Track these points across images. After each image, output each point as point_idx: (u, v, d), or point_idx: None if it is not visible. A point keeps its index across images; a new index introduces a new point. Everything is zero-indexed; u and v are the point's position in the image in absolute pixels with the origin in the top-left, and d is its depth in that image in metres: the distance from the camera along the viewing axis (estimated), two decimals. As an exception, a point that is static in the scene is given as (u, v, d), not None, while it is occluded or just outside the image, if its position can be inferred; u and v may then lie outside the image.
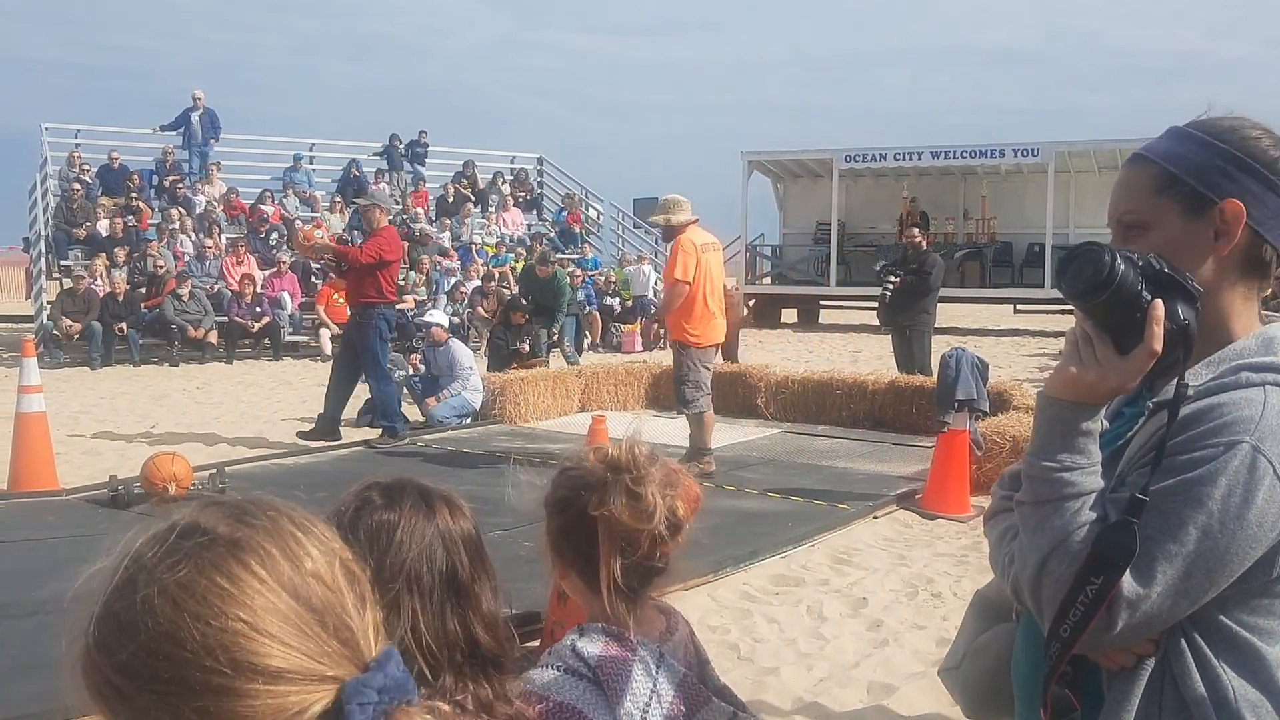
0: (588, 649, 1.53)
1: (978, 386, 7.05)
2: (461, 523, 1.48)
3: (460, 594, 1.41)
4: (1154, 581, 1.28)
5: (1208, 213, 1.41)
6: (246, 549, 0.84)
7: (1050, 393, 1.40)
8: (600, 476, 1.56)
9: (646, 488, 1.54)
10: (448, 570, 1.41)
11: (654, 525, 1.54)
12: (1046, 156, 20.84)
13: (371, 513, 1.45)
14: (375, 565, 1.32)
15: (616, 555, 1.55)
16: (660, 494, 1.55)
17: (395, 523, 1.43)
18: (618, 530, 1.54)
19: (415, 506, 1.47)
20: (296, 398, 12.45)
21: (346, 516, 1.44)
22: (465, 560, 1.44)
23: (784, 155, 24.17)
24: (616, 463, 1.55)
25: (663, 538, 1.56)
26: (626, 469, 1.55)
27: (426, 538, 1.43)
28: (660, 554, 1.58)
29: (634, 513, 1.53)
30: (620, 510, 1.53)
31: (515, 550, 5.58)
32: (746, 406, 10.74)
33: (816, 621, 4.98)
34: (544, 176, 25.18)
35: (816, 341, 19.21)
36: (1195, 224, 1.42)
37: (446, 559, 1.42)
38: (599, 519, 1.54)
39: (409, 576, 1.38)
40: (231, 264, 17.40)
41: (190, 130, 20.40)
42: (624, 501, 1.53)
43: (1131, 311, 1.32)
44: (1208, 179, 1.41)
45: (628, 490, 1.54)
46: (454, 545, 1.44)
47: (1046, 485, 1.36)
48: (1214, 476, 1.28)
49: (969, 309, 22.73)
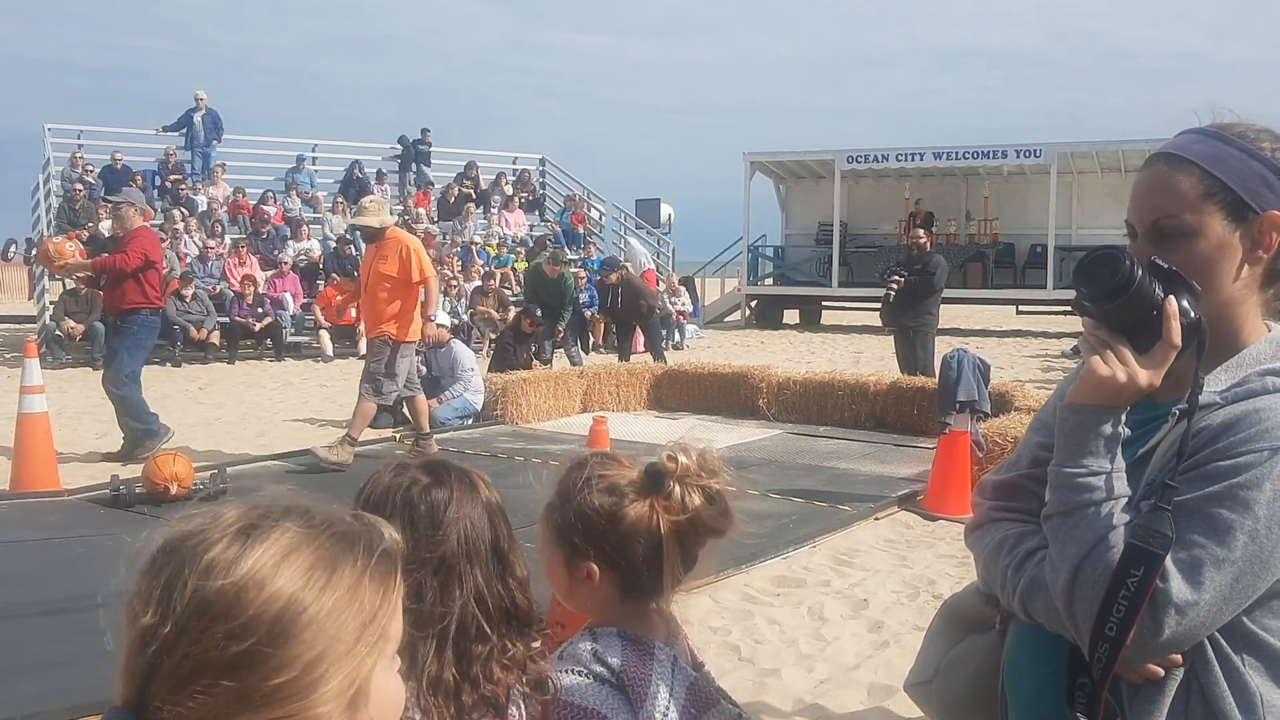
0: (610, 654, 1.51)
1: (979, 388, 7.06)
2: (495, 494, 1.59)
3: (502, 561, 1.53)
4: (1203, 588, 1.27)
5: (1248, 222, 1.40)
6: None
7: (1075, 399, 1.39)
8: (674, 481, 1.54)
9: (725, 492, 1.56)
10: (493, 540, 1.53)
11: (733, 526, 1.57)
12: (1049, 157, 20.84)
13: (426, 492, 1.52)
14: (439, 539, 1.47)
15: (678, 559, 1.55)
16: (728, 496, 1.58)
17: (449, 499, 1.52)
18: (684, 535, 1.54)
19: (461, 482, 1.56)
20: (298, 398, 12.46)
21: (397, 496, 1.51)
22: (504, 529, 1.56)
23: (786, 156, 24.17)
24: (690, 469, 1.55)
25: (721, 535, 1.58)
26: (701, 473, 1.55)
27: (477, 510, 1.54)
28: (698, 556, 1.60)
29: (718, 516, 1.55)
30: (705, 515, 1.53)
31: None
32: (748, 407, 10.73)
33: (817, 623, 4.98)
34: (546, 177, 25.20)
35: (819, 342, 19.20)
36: (1235, 233, 1.41)
37: (491, 529, 1.54)
38: (669, 525, 1.53)
39: (469, 548, 1.49)
40: (234, 265, 17.42)
41: (193, 131, 20.44)
42: (705, 506, 1.53)
43: (1149, 310, 1.34)
44: (1251, 188, 1.40)
45: (708, 494, 1.54)
46: (495, 516, 1.56)
47: (1073, 492, 1.36)
48: (1260, 481, 1.28)
49: (971, 310, 22.74)
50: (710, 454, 1.57)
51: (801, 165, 24.11)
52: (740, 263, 24.49)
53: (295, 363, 16.19)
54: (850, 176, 23.09)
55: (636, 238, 22.61)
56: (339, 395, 12.55)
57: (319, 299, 17.28)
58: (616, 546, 1.54)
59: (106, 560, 5.83)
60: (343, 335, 17.05)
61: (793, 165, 24.21)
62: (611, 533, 1.54)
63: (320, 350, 16.62)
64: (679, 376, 11.48)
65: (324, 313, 16.98)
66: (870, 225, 23.65)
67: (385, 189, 22.15)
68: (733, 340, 19.96)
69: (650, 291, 15.06)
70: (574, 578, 1.57)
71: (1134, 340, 1.35)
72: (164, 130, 20.63)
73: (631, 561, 1.54)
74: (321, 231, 19.87)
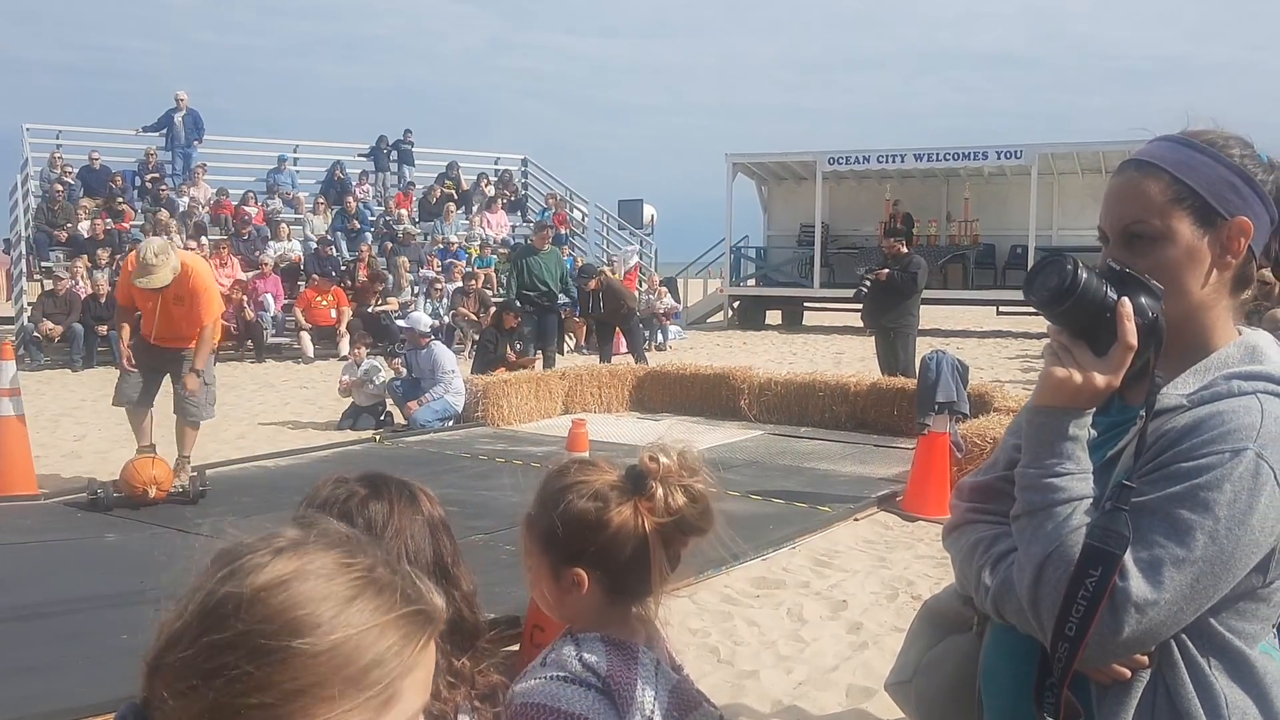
0: (594, 659, 1.51)
1: (958, 389, 7.09)
2: (438, 509, 1.57)
3: (446, 576, 1.51)
4: (1163, 587, 1.29)
5: (1217, 228, 1.43)
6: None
7: (1037, 402, 1.42)
8: (655, 482, 1.54)
9: (706, 490, 1.56)
10: (434, 554, 1.51)
11: (715, 525, 1.56)
12: (1030, 158, 20.93)
13: (363, 505, 1.50)
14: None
15: (664, 561, 1.55)
16: (709, 494, 1.57)
17: (389, 512, 1.50)
18: (669, 536, 1.54)
19: (400, 495, 1.55)
20: (279, 399, 12.42)
21: (334, 510, 1.48)
22: (447, 544, 1.54)
23: (768, 157, 24.22)
24: (672, 469, 1.54)
25: (704, 534, 1.58)
26: (683, 473, 1.55)
27: (418, 524, 1.52)
28: (680, 557, 1.59)
29: (700, 515, 1.54)
30: (689, 514, 1.53)
31: (497, 554, 5.59)
32: (730, 408, 10.75)
33: (796, 624, 5.00)
34: (528, 178, 25.18)
35: (800, 343, 19.25)
36: (1204, 238, 1.43)
37: (433, 544, 1.52)
38: (653, 526, 1.52)
39: (409, 563, 1.44)
40: (215, 266, 17.34)
41: (173, 131, 20.35)
42: (689, 505, 1.53)
43: (1101, 312, 1.36)
44: (1219, 194, 1.42)
45: (690, 493, 1.54)
46: (438, 530, 1.54)
47: (1037, 493, 1.38)
48: (1220, 482, 1.30)
49: (952, 311, 22.82)
50: (690, 453, 1.57)
51: (783, 166, 24.16)
52: (723, 264, 24.52)
53: (276, 364, 16.13)
54: (832, 178, 23.14)
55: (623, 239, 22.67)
56: (319, 397, 12.51)
57: (299, 300, 17.23)
58: (604, 551, 1.54)
59: (84, 564, 5.80)
60: (323, 337, 17.00)
61: (775, 166, 24.25)
62: (598, 538, 1.54)
63: (301, 351, 16.56)
64: (661, 378, 11.50)
65: (305, 314, 16.93)
66: (852, 226, 23.71)
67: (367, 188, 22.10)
68: (715, 341, 19.99)
69: (630, 294, 15.08)
70: (561, 586, 1.57)
71: (1094, 342, 1.37)
72: (144, 131, 20.53)
73: (619, 565, 1.54)
74: (303, 232, 19.81)
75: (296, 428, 10.47)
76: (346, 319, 17.05)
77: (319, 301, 17.05)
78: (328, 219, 20.28)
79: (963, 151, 21.92)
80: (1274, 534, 1.33)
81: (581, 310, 14.37)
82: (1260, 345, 1.45)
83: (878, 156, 22.47)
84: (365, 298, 17.66)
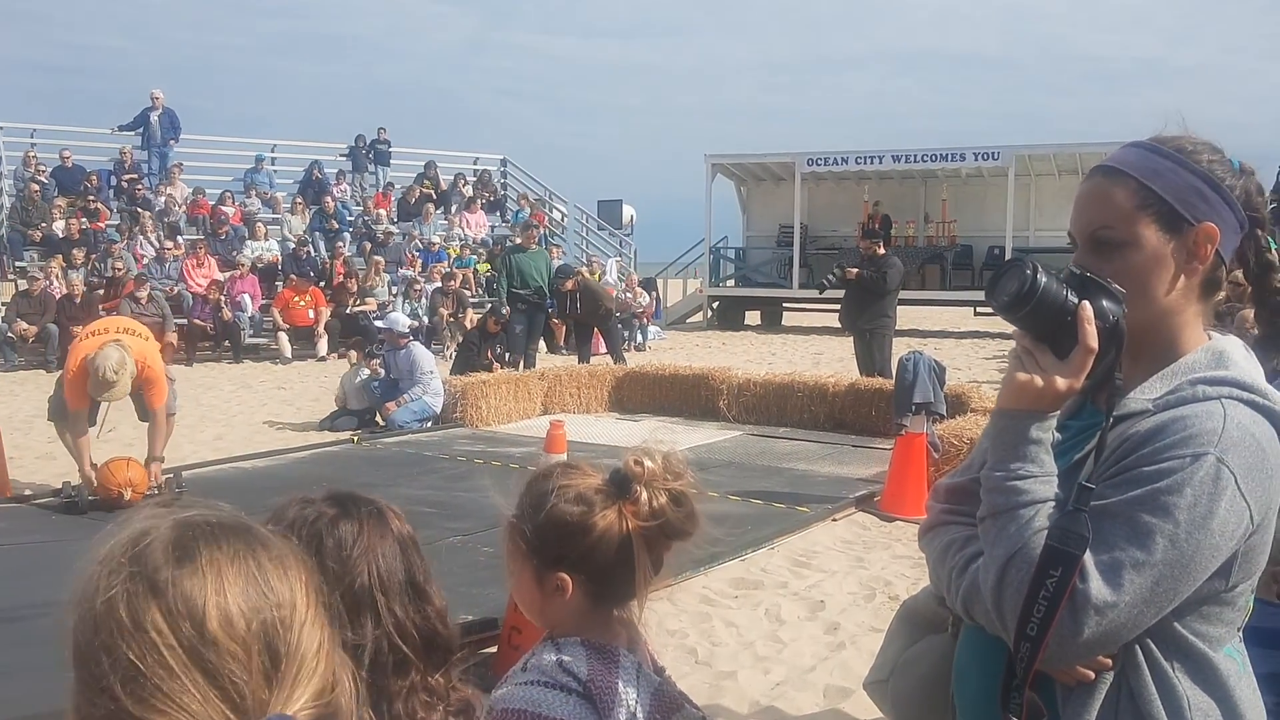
0: (575, 664, 1.51)
1: (935, 389, 7.14)
2: (407, 526, 1.55)
3: (419, 593, 1.49)
4: (1122, 589, 1.30)
5: (1183, 233, 1.44)
6: (160, 595, 0.85)
7: (1001, 405, 1.44)
8: (640, 486, 1.53)
9: (690, 494, 1.55)
10: (406, 572, 1.49)
11: (700, 528, 1.55)
12: (1007, 160, 21.03)
13: (332, 523, 1.48)
14: (350, 574, 1.42)
15: (648, 564, 1.54)
16: (694, 498, 1.56)
17: (358, 531, 1.48)
18: (653, 540, 1.53)
19: (369, 515, 1.52)
20: (256, 400, 12.35)
21: (304, 531, 1.46)
22: (418, 561, 1.52)
23: (747, 158, 24.25)
24: (656, 473, 1.54)
25: (688, 538, 1.57)
26: (667, 477, 1.54)
27: (388, 543, 1.49)
28: (664, 560, 1.59)
29: (685, 518, 1.54)
30: (673, 518, 1.53)
31: (475, 556, 5.58)
32: (709, 409, 10.77)
33: (775, 625, 5.01)
34: (507, 178, 25.14)
35: (779, 343, 19.29)
36: (1170, 244, 1.44)
37: (404, 561, 1.50)
38: (637, 530, 1.52)
39: (382, 582, 1.46)
40: (192, 266, 17.25)
41: (149, 131, 20.22)
42: (673, 509, 1.53)
43: (1062, 316, 1.38)
44: (1185, 199, 1.44)
45: (674, 497, 1.53)
46: (408, 547, 1.52)
47: (1002, 495, 1.39)
48: (1181, 487, 1.31)
49: (930, 311, 22.91)
50: (675, 456, 1.57)
51: (762, 168, 24.20)
52: (702, 264, 24.53)
53: (253, 364, 16.06)
54: (810, 179, 23.20)
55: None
56: (297, 398, 12.47)
57: (277, 300, 17.15)
58: (588, 555, 1.53)
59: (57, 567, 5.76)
60: (301, 337, 16.93)
61: (754, 167, 24.29)
62: (582, 542, 1.53)
63: (279, 352, 16.48)
64: (640, 378, 11.50)
65: (282, 314, 16.86)
66: (830, 227, 23.76)
67: (345, 188, 22.02)
68: (694, 341, 20.01)
69: (608, 294, 15.07)
70: (545, 591, 1.56)
71: (1056, 346, 1.39)
72: (119, 130, 20.40)
73: (603, 569, 1.53)
74: (280, 232, 19.72)
75: (274, 428, 10.42)
76: (324, 319, 16.99)
77: (297, 302, 16.97)
78: (306, 219, 20.20)
79: (940, 153, 22.01)
80: (1235, 538, 1.34)
81: (559, 311, 14.36)
82: (1227, 350, 1.46)
83: (856, 158, 22.53)
84: (343, 298, 17.60)
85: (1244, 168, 1.49)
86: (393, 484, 7.60)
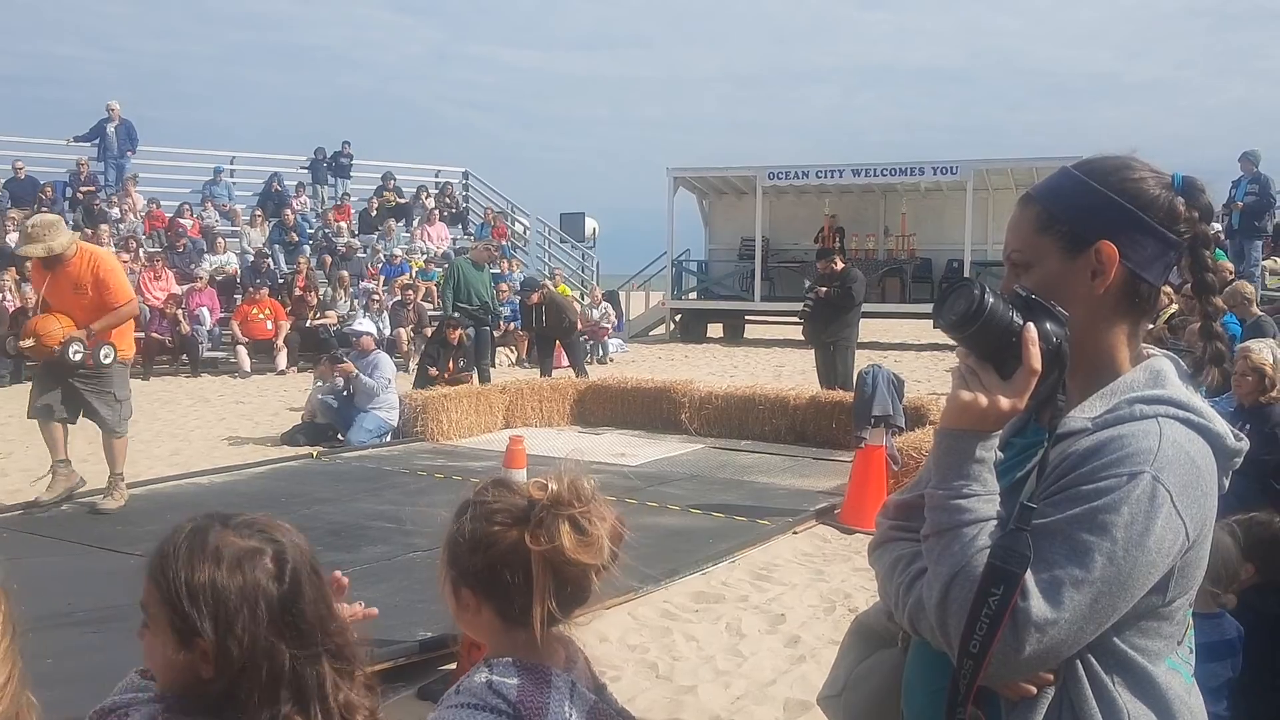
0: (505, 685, 1.50)
1: (894, 402, 7.19)
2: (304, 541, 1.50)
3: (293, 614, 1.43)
4: (1062, 607, 1.32)
5: (1085, 252, 1.48)
6: None
7: (944, 424, 1.45)
8: (540, 510, 1.51)
9: (594, 522, 1.52)
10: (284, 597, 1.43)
11: (602, 559, 1.52)
12: (965, 174, 21.24)
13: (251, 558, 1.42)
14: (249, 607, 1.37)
15: (550, 589, 1.52)
16: (604, 527, 1.53)
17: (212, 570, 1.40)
18: (558, 565, 1.51)
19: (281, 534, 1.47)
20: (214, 415, 12.23)
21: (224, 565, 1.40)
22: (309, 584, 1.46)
23: (709, 172, 24.34)
24: (559, 497, 1.52)
25: (603, 569, 1.54)
26: (571, 503, 1.52)
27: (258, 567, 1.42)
28: (590, 584, 1.56)
29: (582, 547, 1.50)
30: (569, 545, 1.49)
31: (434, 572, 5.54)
32: (670, 422, 10.78)
33: (735, 638, 5.02)
34: (469, 190, 25.09)
35: (741, 356, 19.36)
36: (1073, 263, 1.48)
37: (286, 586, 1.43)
38: (537, 555, 1.50)
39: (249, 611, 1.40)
40: (149, 279, 17.06)
41: (106, 142, 20.02)
42: (571, 536, 1.50)
43: (1007, 337, 1.40)
44: (1082, 220, 1.48)
45: (575, 524, 1.50)
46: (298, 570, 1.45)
47: (945, 513, 1.41)
48: (1118, 505, 1.33)
49: (890, 324, 23.07)
50: (582, 481, 1.55)
51: (724, 181, 24.30)
52: (665, 276, 24.59)
53: (211, 379, 15.89)
54: (772, 193, 23.32)
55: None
56: (255, 412, 12.36)
57: (236, 313, 16.99)
58: (489, 573, 1.53)
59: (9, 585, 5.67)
60: (260, 351, 16.78)
61: (716, 181, 24.38)
62: (482, 560, 1.53)
63: (238, 366, 16.33)
64: (602, 391, 11.50)
65: (241, 327, 16.70)
66: (791, 241, 23.89)
67: (305, 200, 21.88)
68: (657, 354, 20.03)
69: (572, 307, 15.06)
70: (459, 604, 1.58)
71: (1000, 367, 1.41)
72: (75, 140, 20.18)
73: (503, 590, 1.53)
74: (240, 245, 19.55)
75: (233, 443, 10.32)
76: (284, 333, 16.85)
77: (256, 315, 16.83)
78: (265, 231, 20.05)
79: (900, 167, 22.20)
80: (1171, 555, 1.37)
81: (523, 323, 14.33)
82: (1164, 370, 1.49)
83: (817, 171, 22.68)
84: (303, 311, 17.47)
85: (1189, 184, 1.50)
86: (352, 499, 7.55)
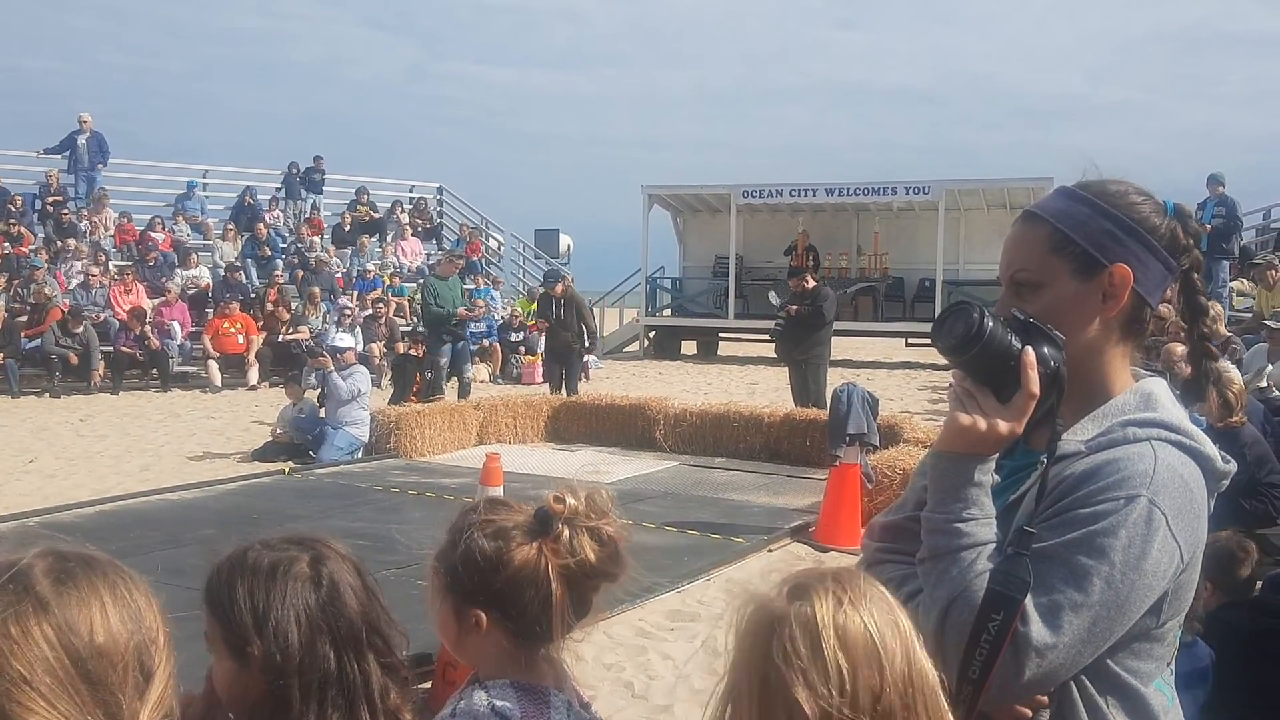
0: (506, 705, 1.48)
1: (868, 421, 7.23)
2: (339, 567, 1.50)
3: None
4: (1062, 631, 1.32)
5: (1097, 275, 1.47)
6: (50, 611, 0.94)
7: (941, 448, 1.45)
8: (560, 524, 1.50)
9: (612, 533, 1.52)
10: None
11: (622, 569, 1.52)
12: (937, 194, 21.40)
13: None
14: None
15: (568, 604, 1.51)
16: (619, 538, 1.53)
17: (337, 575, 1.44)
18: (575, 579, 1.50)
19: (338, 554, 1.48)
20: (185, 430, 12.12)
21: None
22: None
23: (683, 190, 24.42)
24: (578, 510, 1.51)
25: (613, 579, 1.54)
26: (590, 515, 1.51)
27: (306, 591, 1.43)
28: (593, 598, 1.56)
29: (606, 558, 1.51)
30: (593, 558, 1.50)
31: (408, 589, 5.50)
32: (645, 439, 10.78)
33: (711, 657, 4.99)
34: (444, 206, 25.04)
35: (715, 373, 19.38)
36: (1085, 285, 1.48)
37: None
38: (557, 569, 1.49)
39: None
40: (119, 292, 16.90)
41: (76, 154, 19.83)
42: (594, 548, 1.50)
43: (1005, 360, 1.40)
44: (1098, 242, 1.47)
45: (596, 536, 1.50)
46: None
47: (943, 537, 1.41)
48: (1115, 529, 1.34)
49: (862, 342, 23.17)
50: (600, 495, 1.55)
51: (698, 199, 24.37)
52: (639, 294, 24.61)
53: (182, 393, 15.73)
54: (746, 211, 23.41)
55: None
56: (227, 428, 12.25)
57: (207, 327, 16.86)
58: (504, 592, 1.50)
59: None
60: (232, 365, 16.65)
61: (690, 199, 24.45)
62: (498, 578, 1.50)
63: (208, 381, 16.18)
64: (577, 408, 11.48)
65: (213, 342, 16.57)
66: (765, 259, 23.97)
67: (278, 214, 21.77)
68: (631, 371, 20.03)
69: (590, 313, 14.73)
70: (462, 626, 1.54)
71: (998, 390, 1.41)
72: (46, 152, 19.98)
73: (520, 608, 1.50)
74: (211, 259, 19.41)
75: (204, 459, 10.23)
76: (256, 347, 16.73)
77: (227, 329, 16.70)
78: (237, 246, 19.92)
79: (873, 187, 22.34)
80: (1167, 577, 1.37)
81: (540, 311, 14.18)
82: (1155, 392, 1.50)
83: (790, 190, 22.80)
84: (275, 325, 17.35)
85: (1181, 211, 1.52)
86: (324, 516, 7.49)
